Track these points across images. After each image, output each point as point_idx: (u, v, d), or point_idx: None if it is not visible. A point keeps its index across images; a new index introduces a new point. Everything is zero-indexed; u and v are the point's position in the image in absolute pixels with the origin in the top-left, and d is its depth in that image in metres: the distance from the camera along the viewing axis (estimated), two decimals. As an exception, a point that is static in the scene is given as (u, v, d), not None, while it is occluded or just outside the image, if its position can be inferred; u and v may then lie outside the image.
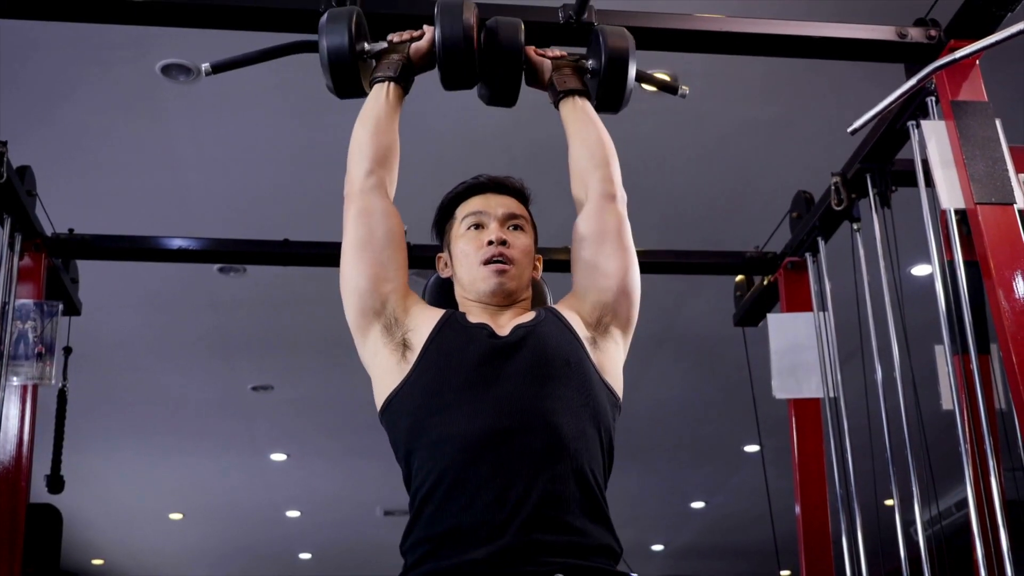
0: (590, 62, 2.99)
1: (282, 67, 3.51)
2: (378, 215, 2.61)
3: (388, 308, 2.54)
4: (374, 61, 2.92)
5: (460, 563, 2.18)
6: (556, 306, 2.66)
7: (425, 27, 2.94)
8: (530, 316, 2.59)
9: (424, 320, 2.54)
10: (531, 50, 2.99)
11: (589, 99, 2.92)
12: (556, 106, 2.93)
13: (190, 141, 5.74)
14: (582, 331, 2.57)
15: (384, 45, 2.92)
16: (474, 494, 2.23)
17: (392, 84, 2.81)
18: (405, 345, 2.50)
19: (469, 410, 2.33)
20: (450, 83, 2.96)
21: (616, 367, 2.58)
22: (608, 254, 2.65)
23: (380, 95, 2.79)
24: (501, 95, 3.04)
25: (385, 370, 2.50)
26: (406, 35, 2.94)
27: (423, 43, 2.91)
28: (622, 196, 2.73)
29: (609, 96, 2.97)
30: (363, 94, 2.90)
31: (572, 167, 2.83)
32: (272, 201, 6.27)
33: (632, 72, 2.96)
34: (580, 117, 2.86)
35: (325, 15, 2.92)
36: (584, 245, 2.68)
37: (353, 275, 2.57)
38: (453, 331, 2.52)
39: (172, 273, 6.40)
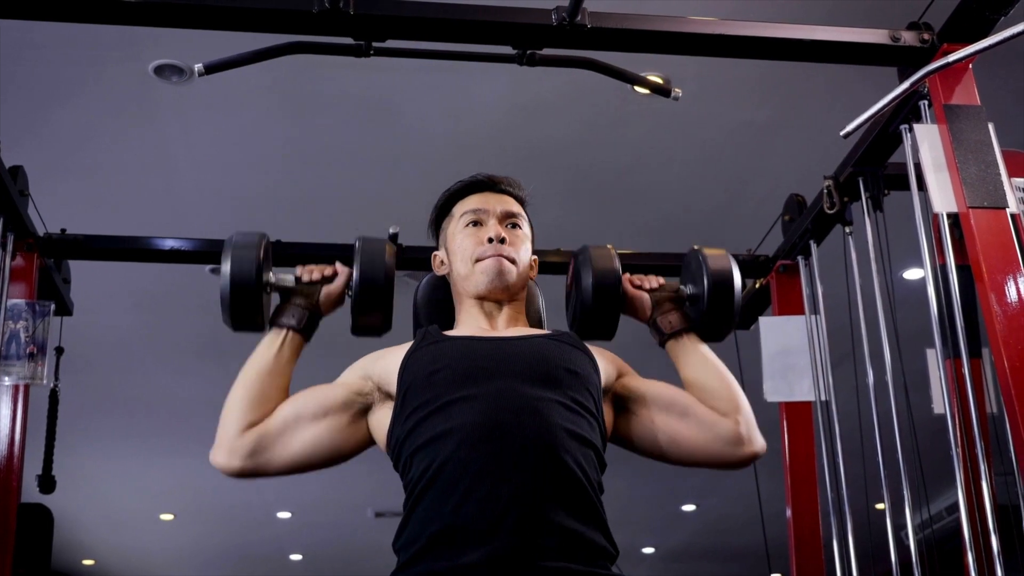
0: (688, 288, 2.77)
1: (275, 68, 3.51)
2: (286, 432, 2.50)
3: (371, 397, 2.53)
4: (277, 296, 2.69)
5: (455, 567, 2.16)
6: (589, 345, 2.60)
7: (338, 266, 2.70)
8: (536, 331, 2.60)
9: (390, 360, 2.52)
10: (626, 281, 2.76)
11: (695, 332, 2.72)
12: (661, 346, 2.75)
13: (183, 142, 5.74)
14: (606, 372, 2.56)
15: (291, 280, 2.68)
16: (467, 490, 2.21)
17: (292, 333, 2.62)
18: (385, 393, 2.50)
19: (464, 404, 2.32)
20: (361, 329, 2.71)
21: (607, 415, 2.55)
22: (679, 438, 2.58)
23: (275, 344, 2.61)
24: (600, 331, 2.75)
25: (382, 422, 2.48)
26: (317, 275, 2.69)
27: (335, 287, 2.69)
28: (754, 449, 2.59)
29: (714, 329, 2.73)
30: (260, 330, 2.66)
31: (696, 409, 2.61)
32: (264, 202, 6.26)
33: (738, 298, 2.70)
34: (695, 361, 2.68)
35: (233, 236, 2.66)
36: (676, 415, 2.59)
37: (329, 454, 2.52)
38: (432, 345, 2.51)
39: (164, 274, 6.38)
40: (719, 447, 2.56)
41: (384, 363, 2.52)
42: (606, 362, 2.58)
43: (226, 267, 2.58)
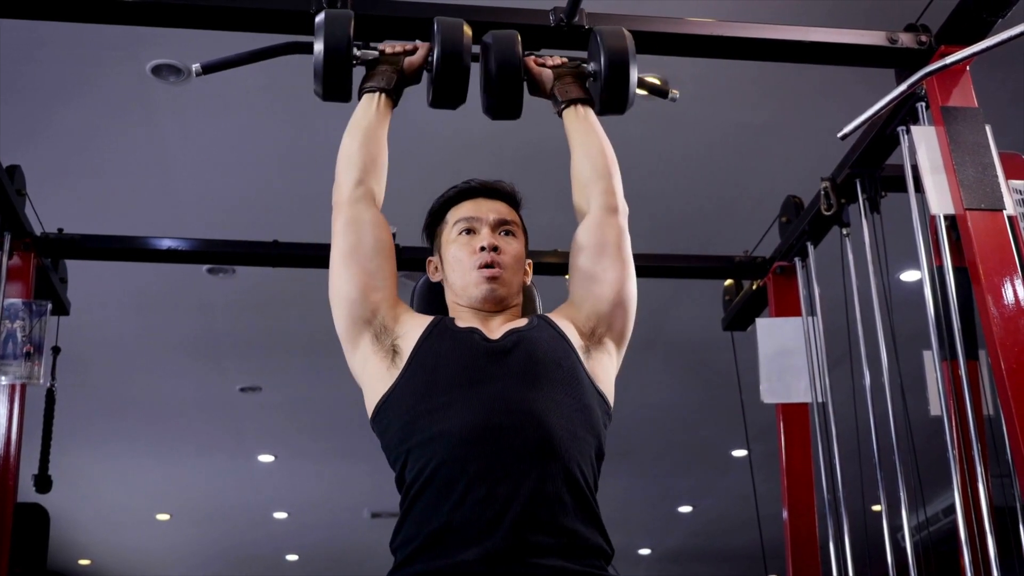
0: (590, 66, 2.96)
1: (272, 68, 3.50)
2: (367, 225, 2.62)
3: (378, 317, 2.54)
4: (364, 69, 2.89)
5: (452, 564, 2.17)
6: (550, 315, 2.65)
7: (418, 43, 2.94)
8: (522, 322, 2.59)
9: (413, 326, 2.54)
10: (531, 60, 2.98)
11: (592, 106, 2.91)
12: (560, 115, 2.92)
13: (180, 141, 5.73)
14: (576, 339, 2.56)
15: (375, 54, 2.90)
16: (465, 491, 2.22)
17: (383, 95, 2.82)
18: (394, 351, 2.50)
19: (461, 408, 2.33)
20: (440, 101, 2.95)
21: (608, 376, 2.58)
22: (606, 266, 2.65)
23: (371, 106, 2.79)
24: (505, 108, 2.99)
25: (375, 377, 2.50)
26: (399, 47, 2.93)
27: (416, 58, 2.91)
28: (623, 209, 2.74)
29: (613, 98, 2.94)
30: (347, 99, 2.91)
31: (574, 177, 2.84)
32: (261, 202, 6.26)
33: (634, 71, 2.92)
34: (583, 127, 2.86)
35: (323, 15, 2.89)
36: (582, 255, 2.68)
37: (343, 284, 2.57)
38: (442, 335, 2.52)
39: (161, 273, 6.39)
40: (596, 212, 2.73)
41: (410, 326, 2.55)
42: (567, 329, 2.60)
43: (319, 41, 2.84)
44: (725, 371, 5.35)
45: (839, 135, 3.53)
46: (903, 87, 3.44)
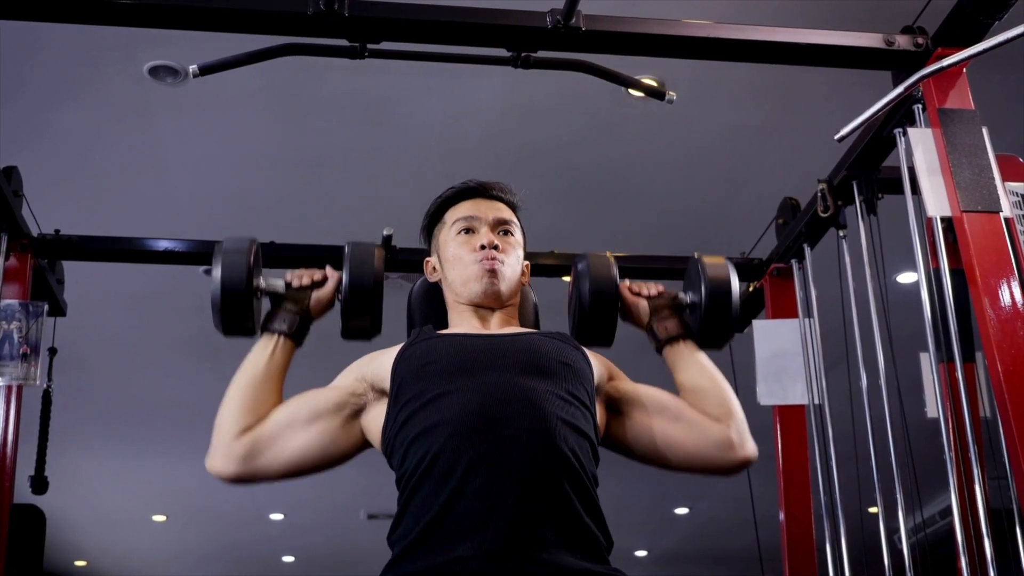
0: (688, 296, 2.75)
1: (269, 70, 3.51)
2: (276, 433, 2.49)
3: (350, 410, 2.52)
4: (268, 302, 2.68)
5: (450, 560, 2.15)
6: (583, 346, 2.60)
7: (328, 270, 2.69)
8: (529, 330, 2.61)
9: (383, 359, 2.52)
10: (624, 288, 2.75)
11: (693, 339, 2.72)
12: (658, 352, 2.74)
13: (177, 143, 5.73)
14: (598, 371, 2.56)
15: (281, 287, 2.66)
16: (462, 480, 2.20)
17: (283, 339, 2.60)
18: (380, 391, 2.49)
19: (458, 396, 2.32)
20: (351, 334, 2.68)
21: (599, 416, 2.54)
22: (684, 447, 2.56)
23: (267, 349, 2.59)
24: (597, 336, 2.73)
25: (378, 420, 2.48)
26: (307, 280, 2.66)
27: (325, 292, 2.66)
28: (752, 452, 2.59)
29: (713, 336, 2.73)
30: (251, 335, 2.65)
31: (689, 414, 2.60)
32: (258, 203, 6.26)
33: (736, 306, 2.69)
34: (690, 367, 2.68)
35: (223, 242, 2.65)
36: (672, 415, 2.58)
37: (324, 457, 2.51)
38: (425, 341, 2.52)
39: (158, 275, 6.38)
40: (711, 452, 2.54)
41: (378, 362, 2.52)
42: (598, 363, 2.59)
43: (216, 272, 2.57)
44: (722, 372, 5.36)
45: (836, 137, 3.54)
46: (900, 89, 3.44)
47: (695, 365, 2.67)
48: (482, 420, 2.27)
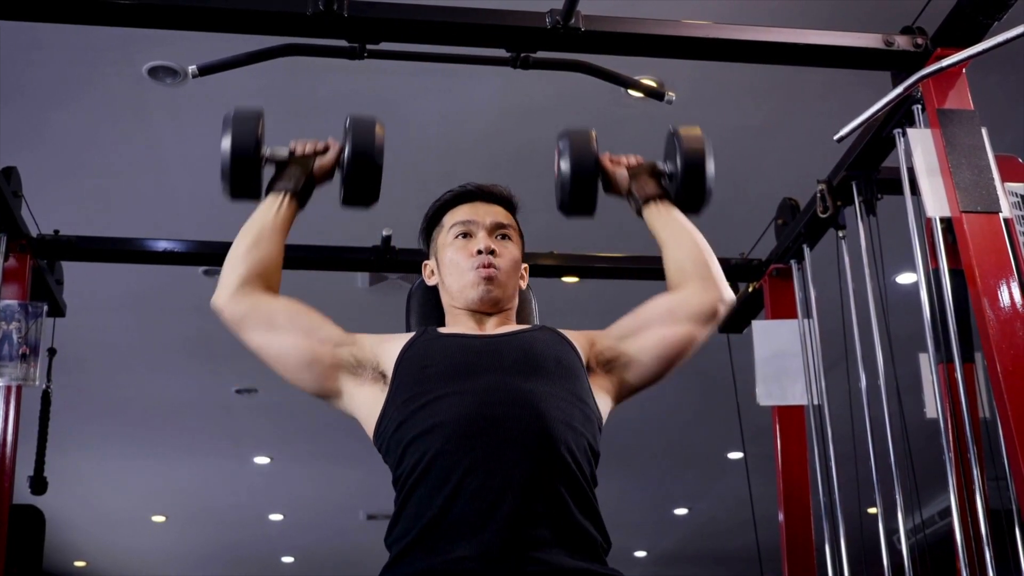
0: (666, 165, 2.93)
1: (269, 70, 3.51)
2: (261, 303, 2.61)
3: (342, 359, 2.52)
4: (274, 168, 2.85)
5: (446, 561, 2.15)
6: (562, 331, 2.63)
7: (331, 140, 2.86)
8: (522, 326, 2.61)
9: (392, 346, 2.53)
10: (606, 159, 2.92)
11: (671, 202, 2.86)
12: (639, 214, 2.88)
13: (176, 143, 5.73)
14: (583, 350, 2.57)
15: (285, 154, 2.85)
16: (459, 482, 2.21)
17: (289, 196, 2.77)
18: (381, 374, 2.50)
19: (455, 399, 2.32)
20: (352, 200, 2.86)
21: (603, 396, 2.56)
22: (681, 336, 2.63)
23: (272, 206, 2.76)
24: (580, 206, 2.92)
25: (368, 403, 2.48)
26: (310, 148, 2.85)
27: (327, 160, 2.84)
28: (729, 298, 2.70)
29: (689, 198, 2.88)
30: (256, 198, 2.85)
31: (669, 271, 2.78)
32: (257, 204, 6.25)
33: (711, 172, 2.87)
34: (669, 223, 2.81)
35: (232, 112, 2.87)
36: (661, 315, 2.66)
37: (291, 367, 2.55)
38: (429, 340, 2.53)
39: (157, 275, 6.38)
40: (702, 317, 2.66)
41: (388, 347, 2.53)
42: (579, 341, 2.60)
43: (227, 139, 2.83)
44: (721, 373, 5.35)
45: (836, 137, 3.53)
46: (899, 90, 3.44)
47: (673, 221, 2.81)
48: (480, 422, 2.28)
